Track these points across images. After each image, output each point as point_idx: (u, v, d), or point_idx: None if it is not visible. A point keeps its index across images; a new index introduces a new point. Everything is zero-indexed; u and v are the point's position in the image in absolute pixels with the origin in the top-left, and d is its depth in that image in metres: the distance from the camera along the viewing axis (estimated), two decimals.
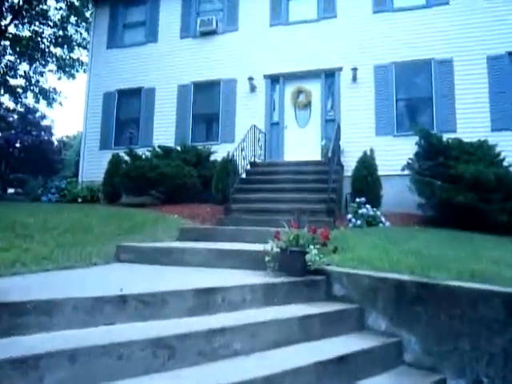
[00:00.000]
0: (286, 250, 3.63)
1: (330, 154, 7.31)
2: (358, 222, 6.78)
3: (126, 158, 9.79)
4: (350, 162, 9.12)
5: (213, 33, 11.39)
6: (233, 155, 8.33)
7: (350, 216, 7.11)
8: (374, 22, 10.10)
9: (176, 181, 8.86)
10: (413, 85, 9.77)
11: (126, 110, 12.20)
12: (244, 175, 8.66)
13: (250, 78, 10.62)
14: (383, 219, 7.08)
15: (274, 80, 10.71)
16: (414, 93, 9.74)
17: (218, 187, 8.96)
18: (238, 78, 10.95)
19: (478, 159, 6.98)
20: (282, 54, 10.67)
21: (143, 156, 9.72)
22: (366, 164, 8.11)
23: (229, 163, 8.90)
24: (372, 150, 8.37)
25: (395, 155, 9.28)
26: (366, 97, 9.88)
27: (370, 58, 9.95)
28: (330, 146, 7.95)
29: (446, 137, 8.51)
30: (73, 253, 4.22)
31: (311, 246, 3.58)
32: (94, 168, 11.65)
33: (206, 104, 11.34)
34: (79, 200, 10.29)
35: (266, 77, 10.73)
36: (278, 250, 3.72)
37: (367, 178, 8.00)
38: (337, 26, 10.37)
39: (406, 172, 8.96)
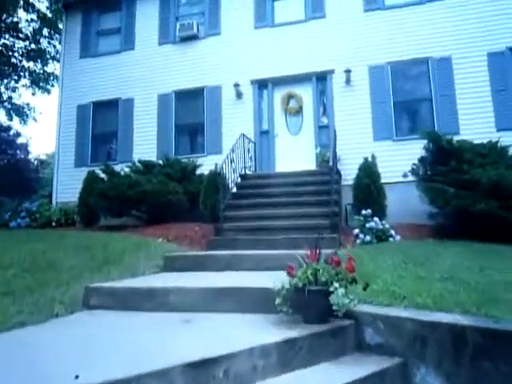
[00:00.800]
0: (303, 290, 2.81)
1: (330, 163, 6.56)
2: (367, 238, 6.01)
3: (103, 175, 8.87)
4: (347, 170, 8.42)
5: (194, 38, 10.64)
6: (221, 168, 7.50)
7: (356, 231, 6.34)
8: (366, 21, 9.50)
9: (159, 198, 7.97)
10: (411, 85, 9.15)
11: (102, 124, 11.29)
12: (234, 189, 7.84)
13: (236, 85, 9.87)
14: (393, 232, 6.33)
15: (261, 85, 9.98)
16: (412, 94, 9.12)
17: (206, 204, 8.11)
18: (223, 85, 10.20)
19: (493, 162, 6.32)
20: (269, 57, 9.96)
21: (122, 172, 8.81)
22: (368, 171, 7.38)
23: (217, 177, 8.07)
24: (374, 156, 7.65)
25: (396, 161, 8.63)
26: (362, 100, 9.22)
27: (364, 58, 9.32)
28: (330, 153, 7.23)
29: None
30: (28, 300, 3.33)
31: (336, 284, 2.77)
32: (69, 187, 10.66)
33: (190, 114, 10.53)
34: (53, 224, 9.31)
35: (253, 82, 10.00)
36: (292, 288, 2.90)
37: (370, 188, 7.26)
38: (326, 26, 9.73)
39: (410, 179, 8.31)
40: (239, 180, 8.09)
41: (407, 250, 5.19)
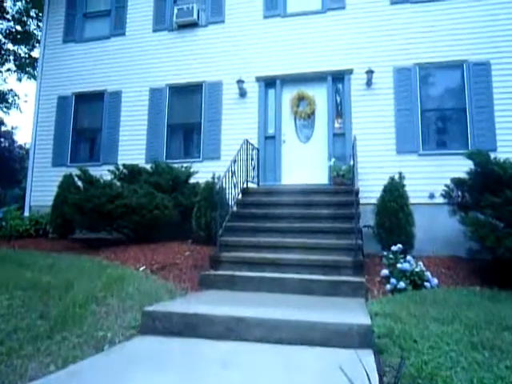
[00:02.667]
0: None
1: (355, 183, 5.32)
2: (401, 285, 4.80)
3: (80, 182, 7.57)
4: (364, 187, 7.21)
5: (193, 25, 9.32)
6: (220, 181, 6.27)
7: (385, 272, 5.13)
8: (392, 15, 8.25)
9: (145, 214, 6.71)
10: (441, 92, 7.94)
11: (85, 119, 9.98)
12: (235, 208, 6.59)
13: (240, 81, 8.60)
14: (429, 275, 5.14)
15: (268, 84, 8.71)
16: (442, 102, 7.90)
17: (200, 222, 6.89)
18: (225, 81, 8.91)
19: None
20: (279, 51, 8.69)
21: (104, 179, 7.50)
22: (396, 194, 6.18)
23: (214, 190, 6.84)
24: (402, 176, 6.45)
25: (421, 179, 7.51)
26: (384, 106, 7.99)
27: (389, 58, 8.09)
28: (351, 167, 6.02)
29: None
30: None
31: None
32: (45, 189, 9.35)
33: (185, 112, 9.24)
34: (24, 234, 8.03)
35: (258, 79, 8.72)
36: None
37: (398, 214, 6.08)
38: (346, 19, 8.46)
39: (438, 201, 7.19)
40: (240, 196, 6.84)
41: (460, 310, 3.99)
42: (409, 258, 5.20)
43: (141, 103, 9.39)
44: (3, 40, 19.01)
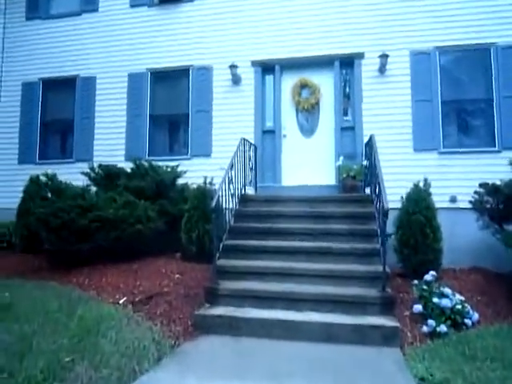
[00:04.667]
0: None
1: (384, 201, 4.34)
2: (443, 329, 3.90)
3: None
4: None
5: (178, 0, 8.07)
6: (217, 193, 5.27)
7: (418, 308, 4.22)
8: None
9: (125, 228, 5.67)
10: (465, 80, 6.93)
11: (55, 108, 8.70)
12: (232, 221, 5.57)
13: (233, 66, 7.44)
14: (469, 309, 4.27)
15: (266, 69, 7.58)
16: (466, 92, 6.90)
17: (190, 236, 5.90)
18: (216, 66, 7.75)
19: None
20: (279, 32, 7.53)
21: (75, 185, 6.37)
22: (423, 205, 5.25)
23: (207, 197, 5.84)
24: (427, 183, 5.52)
25: (442, 180, 6.58)
26: (400, 96, 6.98)
27: (405, 40, 7.02)
28: (378, 181, 5.05)
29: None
30: None
31: None
32: (10, 189, 8.16)
33: (170, 102, 8.06)
34: None
35: (254, 64, 7.58)
36: None
37: (425, 229, 5.16)
38: None
39: (460, 205, 6.35)
40: (237, 206, 5.82)
41: None
42: (446, 290, 4.30)
43: (118, 90, 8.17)
44: None
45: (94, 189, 6.56)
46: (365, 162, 6.53)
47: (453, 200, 6.65)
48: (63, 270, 5.80)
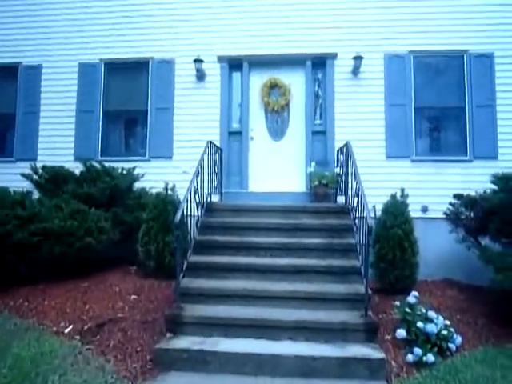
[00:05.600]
0: None
1: (355, 201, 3.98)
2: (430, 359, 3.59)
3: None
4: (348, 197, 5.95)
5: None
6: (181, 205, 4.72)
7: (402, 333, 3.89)
8: None
9: (73, 242, 4.94)
10: (438, 86, 6.75)
11: None
12: (197, 234, 5.00)
13: (198, 60, 6.84)
14: (453, 332, 4.01)
15: (233, 66, 7.04)
16: (440, 98, 6.73)
17: (149, 250, 5.30)
18: (178, 59, 7.10)
19: None
20: (247, 25, 7.00)
21: (15, 190, 5.52)
22: (402, 219, 4.97)
23: (169, 206, 5.27)
24: (404, 193, 5.26)
25: (414, 189, 6.25)
26: (373, 100, 6.70)
27: (380, 42, 6.75)
28: (358, 179, 4.70)
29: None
30: None
31: None
32: None
33: (127, 97, 7.30)
34: None
35: (221, 59, 7.02)
36: None
37: (403, 243, 4.88)
38: None
39: (431, 215, 6.22)
40: (203, 216, 5.26)
41: None
42: (431, 313, 4.01)
43: (67, 82, 7.29)
44: None
45: (36, 195, 5.76)
46: (338, 170, 6.20)
47: (424, 210, 6.49)
48: None
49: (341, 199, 5.99)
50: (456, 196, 5.64)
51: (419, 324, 3.88)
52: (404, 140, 6.60)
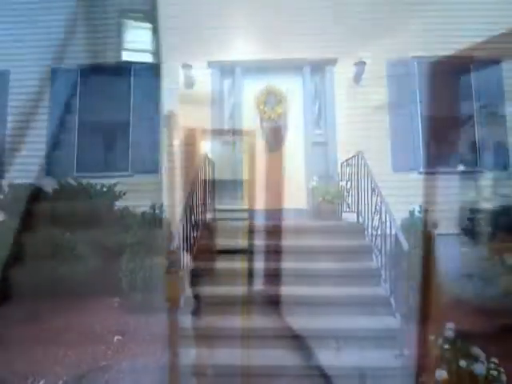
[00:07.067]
0: None
1: (376, 219, 3.40)
2: None
3: None
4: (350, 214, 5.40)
5: None
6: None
7: (442, 374, 3.29)
8: None
9: (42, 272, 4.15)
10: (446, 94, 6.37)
11: None
12: (192, 261, 4.29)
13: (186, 65, 6.23)
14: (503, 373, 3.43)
15: (225, 72, 6.46)
16: (445, 106, 6.34)
17: (134, 279, 4.53)
18: (164, 64, 6.46)
19: None
20: (241, 29, 6.46)
21: None
22: (428, 245, 4.41)
23: (157, 229, 4.57)
24: (426, 209, 4.73)
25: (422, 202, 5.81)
26: (376, 108, 6.23)
27: (382, 47, 6.32)
28: (378, 192, 4.13)
29: None
30: None
31: None
32: None
33: (105, 105, 6.59)
34: None
35: (212, 65, 6.42)
36: None
37: (428, 282, 4.31)
38: None
39: (442, 231, 5.69)
40: (198, 238, 4.56)
41: None
42: (476, 350, 3.43)
43: (38, 89, 6.52)
44: None
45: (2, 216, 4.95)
46: (343, 184, 5.65)
47: (433, 224, 5.99)
48: None
49: (347, 216, 5.42)
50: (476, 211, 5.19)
51: (462, 363, 3.29)
52: (411, 151, 6.14)
